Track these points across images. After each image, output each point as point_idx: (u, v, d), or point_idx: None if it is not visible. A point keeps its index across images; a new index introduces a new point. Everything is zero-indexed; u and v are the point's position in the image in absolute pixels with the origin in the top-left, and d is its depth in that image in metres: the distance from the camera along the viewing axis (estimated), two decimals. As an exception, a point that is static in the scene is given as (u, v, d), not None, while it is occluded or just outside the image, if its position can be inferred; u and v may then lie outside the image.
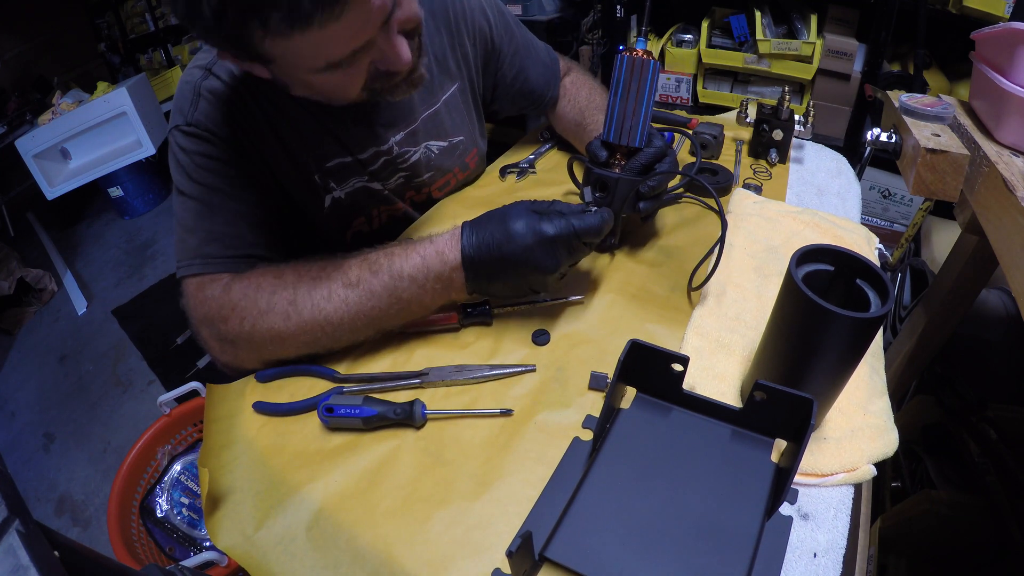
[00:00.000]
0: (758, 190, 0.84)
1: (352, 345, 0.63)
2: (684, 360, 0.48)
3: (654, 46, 1.95)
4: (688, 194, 0.84)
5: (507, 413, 0.55)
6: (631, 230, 0.77)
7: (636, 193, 0.65)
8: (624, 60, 0.63)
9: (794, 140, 0.92)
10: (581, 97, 0.90)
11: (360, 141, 0.73)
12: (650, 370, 0.50)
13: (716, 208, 0.80)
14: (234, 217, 0.64)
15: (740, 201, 0.79)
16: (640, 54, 0.63)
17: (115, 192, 2.79)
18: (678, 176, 0.81)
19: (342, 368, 0.62)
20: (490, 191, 0.90)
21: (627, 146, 0.66)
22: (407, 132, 0.77)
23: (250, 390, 0.61)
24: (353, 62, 0.54)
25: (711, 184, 0.82)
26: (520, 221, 0.57)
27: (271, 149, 0.67)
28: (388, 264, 0.59)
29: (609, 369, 0.57)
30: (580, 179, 0.75)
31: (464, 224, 0.60)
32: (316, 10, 0.45)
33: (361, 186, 0.76)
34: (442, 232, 0.60)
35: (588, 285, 0.69)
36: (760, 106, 0.91)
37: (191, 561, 1.10)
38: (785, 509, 0.46)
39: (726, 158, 0.93)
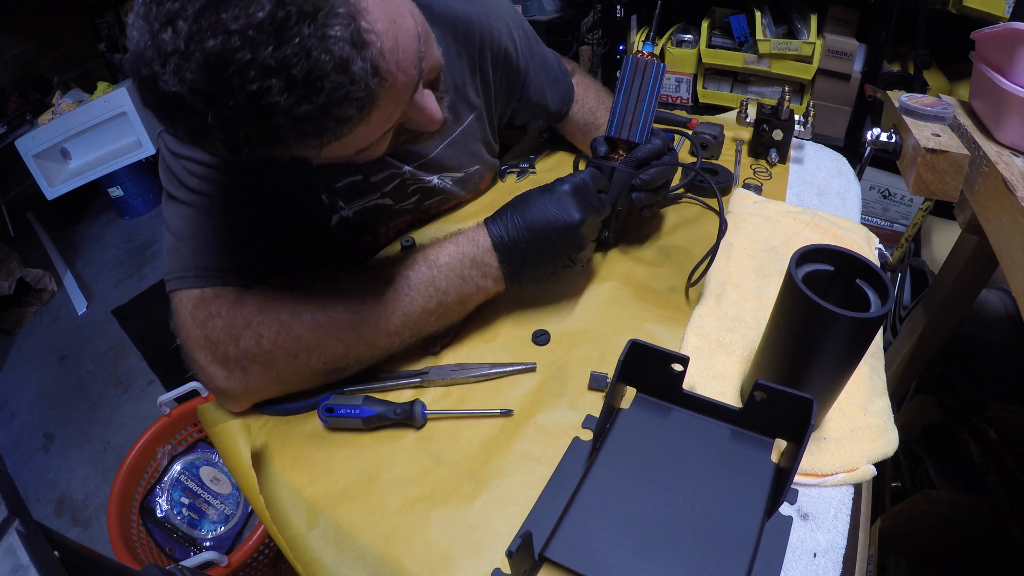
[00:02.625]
0: (758, 190, 0.84)
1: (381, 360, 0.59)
2: (684, 360, 0.48)
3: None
4: (688, 194, 0.84)
5: (507, 413, 0.55)
6: (631, 228, 0.77)
7: (630, 186, 0.66)
8: (630, 60, 0.66)
9: (794, 140, 0.92)
10: (590, 99, 0.89)
11: (373, 166, 0.69)
12: (650, 370, 0.50)
13: (716, 207, 0.80)
14: (231, 227, 0.58)
15: (740, 201, 0.79)
16: (646, 56, 0.66)
17: (115, 192, 2.79)
18: (679, 173, 0.81)
19: (342, 368, 0.62)
20: (490, 191, 0.90)
21: (628, 141, 0.67)
22: (422, 163, 0.74)
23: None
24: (383, 138, 0.50)
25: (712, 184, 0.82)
26: (534, 194, 0.59)
27: (274, 166, 0.59)
28: (423, 257, 0.58)
29: (609, 369, 0.57)
30: None
31: (485, 219, 0.61)
32: (343, 127, 0.41)
33: (373, 204, 0.72)
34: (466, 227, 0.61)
35: (587, 285, 0.69)
36: (760, 106, 0.91)
37: (191, 561, 1.10)
38: (785, 509, 0.46)
39: (726, 158, 0.93)
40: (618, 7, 1.93)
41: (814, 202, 0.84)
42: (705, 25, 1.84)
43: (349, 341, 0.54)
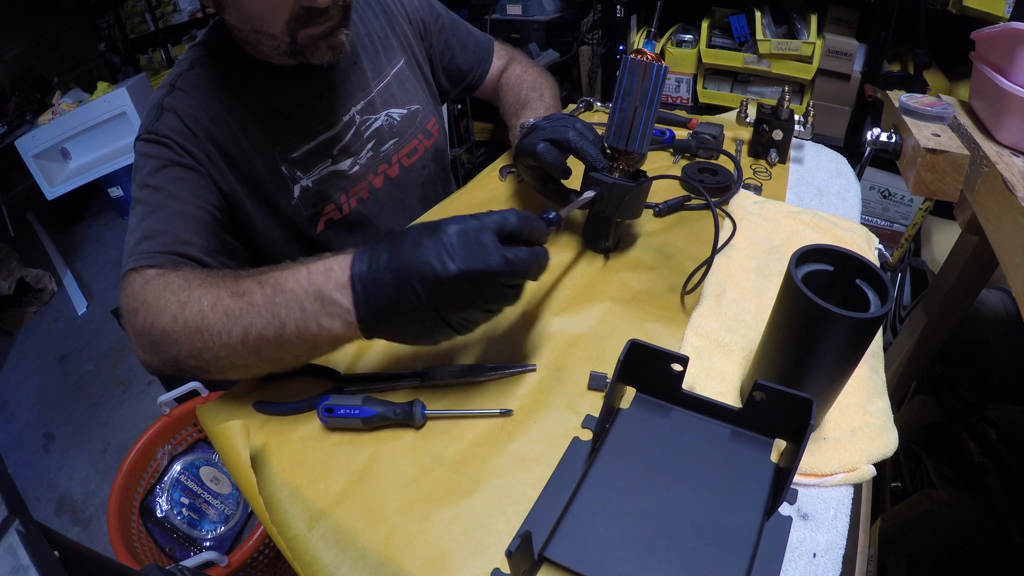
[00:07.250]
0: (758, 190, 0.84)
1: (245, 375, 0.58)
2: (684, 360, 0.48)
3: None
4: (690, 201, 0.84)
5: (507, 413, 0.55)
6: (630, 229, 0.77)
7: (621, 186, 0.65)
8: (628, 63, 0.62)
9: (794, 140, 0.92)
10: (525, 84, 0.94)
11: (325, 117, 0.77)
12: (650, 370, 0.50)
13: (719, 212, 0.80)
14: (173, 215, 0.63)
15: (740, 201, 0.79)
16: (649, 57, 0.62)
17: (115, 192, 2.80)
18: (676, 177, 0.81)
19: (342, 368, 0.62)
20: (491, 192, 0.90)
21: (626, 151, 0.66)
22: (366, 102, 0.82)
23: (241, 402, 0.60)
24: None
25: (712, 184, 0.82)
26: (418, 228, 0.49)
27: (237, 147, 0.71)
28: (276, 276, 0.52)
29: (609, 369, 0.57)
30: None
31: (360, 248, 0.51)
32: None
33: (328, 172, 0.78)
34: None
35: (588, 285, 0.69)
36: (760, 106, 0.91)
37: (191, 561, 1.10)
38: (785, 509, 0.46)
39: (726, 158, 0.93)
40: (618, 7, 1.93)
41: (814, 202, 0.84)
42: (705, 25, 1.85)
43: (197, 344, 0.53)
